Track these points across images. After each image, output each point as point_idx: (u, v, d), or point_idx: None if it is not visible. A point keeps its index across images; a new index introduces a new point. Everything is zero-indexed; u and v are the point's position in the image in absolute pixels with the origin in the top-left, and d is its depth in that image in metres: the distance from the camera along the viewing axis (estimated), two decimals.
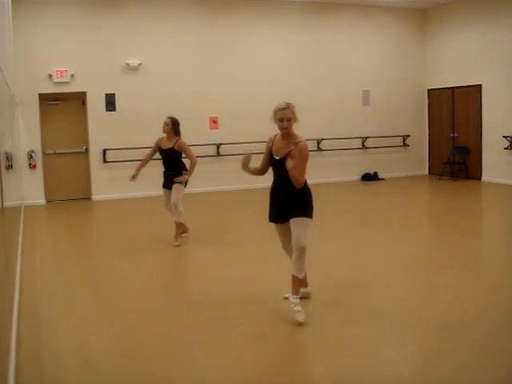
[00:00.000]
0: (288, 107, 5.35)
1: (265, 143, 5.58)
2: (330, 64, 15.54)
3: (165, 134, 8.65)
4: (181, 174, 8.57)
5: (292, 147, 5.35)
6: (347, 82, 15.76)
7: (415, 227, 10.06)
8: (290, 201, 5.40)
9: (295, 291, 5.39)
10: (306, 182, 5.47)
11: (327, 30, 15.45)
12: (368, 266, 7.38)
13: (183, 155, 8.67)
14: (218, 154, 14.24)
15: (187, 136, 13.60)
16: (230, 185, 14.33)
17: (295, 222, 5.35)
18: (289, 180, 5.27)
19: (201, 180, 14.05)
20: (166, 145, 8.61)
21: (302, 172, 5.35)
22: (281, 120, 5.32)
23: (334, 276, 6.87)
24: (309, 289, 5.85)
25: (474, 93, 15.29)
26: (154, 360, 4.56)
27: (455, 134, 16.03)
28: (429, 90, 16.89)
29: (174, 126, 8.58)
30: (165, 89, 13.83)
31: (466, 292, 6.12)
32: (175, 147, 8.52)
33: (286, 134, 5.40)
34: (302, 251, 5.31)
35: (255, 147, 14.40)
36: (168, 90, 13.85)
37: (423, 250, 8.39)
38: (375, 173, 16.12)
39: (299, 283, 5.45)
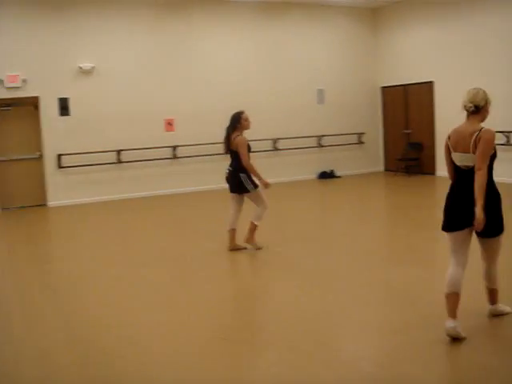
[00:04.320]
0: None
1: (220, 144, 5.36)
2: (285, 64, 15.60)
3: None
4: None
5: None
6: (301, 82, 15.84)
7: (372, 223, 10.17)
8: None
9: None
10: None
11: (281, 29, 15.51)
12: (325, 261, 7.44)
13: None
14: (175, 157, 14.18)
15: (142, 139, 13.73)
16: (187, 187, 14.29)
17: None
18: None
19: (157, 183, 14.03)
20: None
21: None
22: None
23: (291, 271, 6.91)
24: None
25: (426, 89, 15.52)
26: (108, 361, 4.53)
27: (409, 131, 16.26)
28: (382, 88, 17.10)
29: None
30: (119, 92, 13.71)
31: (424, 286, 6.20)
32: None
33: None
34: None
35: (212, 149, 14.49)
36: (122, 92, 13.73)
37: (380, 245, 8.48)
38: (332, 171, 16.24)
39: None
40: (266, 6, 15.12)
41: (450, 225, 4.78)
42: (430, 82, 15.36)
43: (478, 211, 4.48)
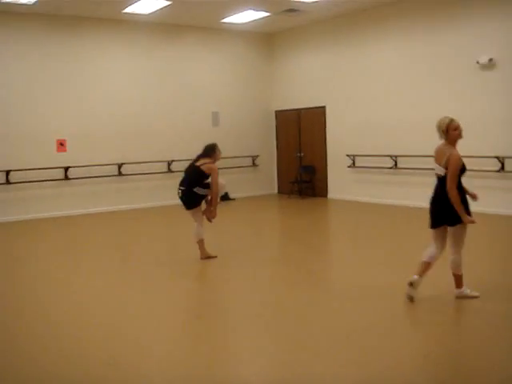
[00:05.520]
0: None
1: (114, 165, 5.35)
2: (179, 86, 15.59)
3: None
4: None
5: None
6: (196, 104, 15.87)
7: (266, 245, 10.28)
8: None
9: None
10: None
11: (176, 51, 15.50)
12: (218, 284, 7.46)
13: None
14: (66, 178, 13.84)
15: (32, 159, 13.31)
16: (79, 209, 13.98)
17: None
18: None
19: (47, 204, 13.64)
20: None
21: None
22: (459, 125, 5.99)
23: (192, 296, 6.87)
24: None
25: (318, 114, 15.92)
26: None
27: (302, 154, 16.60)
28: (276, 111, 17.39)
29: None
30: (8, 110, 13.23)
31: (314, 307, 6.30)
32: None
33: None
34: None
35: (105, 170, 14.27)
36: (11, 113, 13.27)
37: (274, 267, 8.54)
38: (226, 193, 16.28)
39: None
40: (160, 28, 15.07)
41: (431, 223, 6.19)
42: (323, 107, 15.77)
43: (463, 219, 5.86)
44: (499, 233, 10.30)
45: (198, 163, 8.71)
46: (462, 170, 5.96)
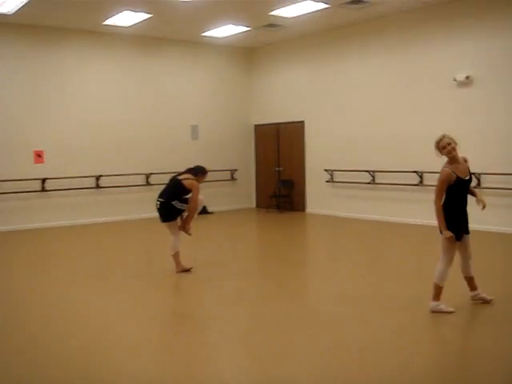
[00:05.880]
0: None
1: (92, 178, 5.31)
2: (159, 99, 15.56)
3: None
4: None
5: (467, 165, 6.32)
6: (176, 117, 15.84)
7: (242, 259, 10.26)
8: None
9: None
10: None
11: (156, 64, 15.48)
12: (194, 297, 7.44)
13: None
14: (44, 190, 13.72)
15: (9, 171, 13.18)
16: (56, 221, 13.86)
17: (469, 237, 6.40)
18: (467, 197, 6.28)
19: (24, 216, 13.51)
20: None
21: None
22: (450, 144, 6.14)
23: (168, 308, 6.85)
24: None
25: (297, 128, 15.97)
26: None
27: (280, 168, 16.63)
28: (255, 126, 17.42)
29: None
30: None
31: (291, 320, 6.29)
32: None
33: (456, 156, 6.18)
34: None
35: (82, 182, 14.18)
36: None
37: (250, 280, 8.53)
38: (204, 207, 16.24)
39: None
40: (140, 41, 15.05)
41: None
42: (301, 122, 15.83)
43: (441, 231, 6.11)
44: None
45: (181, 177, 8.61)
46: (458, 184, 6.11)
